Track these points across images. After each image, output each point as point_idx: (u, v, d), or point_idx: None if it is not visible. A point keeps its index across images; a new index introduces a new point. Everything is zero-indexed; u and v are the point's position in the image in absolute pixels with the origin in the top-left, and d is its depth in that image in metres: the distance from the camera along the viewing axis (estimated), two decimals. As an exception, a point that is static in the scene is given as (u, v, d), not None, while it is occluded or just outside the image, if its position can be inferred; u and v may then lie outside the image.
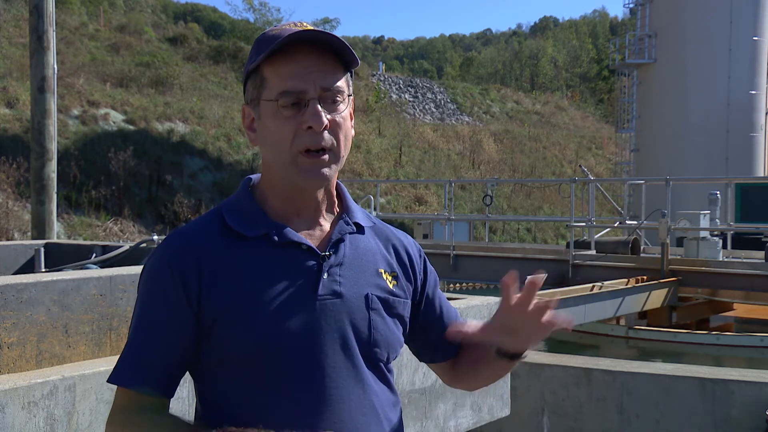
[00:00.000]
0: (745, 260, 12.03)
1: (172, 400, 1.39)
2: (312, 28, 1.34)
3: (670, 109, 24.91)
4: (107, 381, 1.37)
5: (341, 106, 1.36)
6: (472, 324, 1.43)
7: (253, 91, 1.38)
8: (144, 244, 5.87)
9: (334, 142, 1.35)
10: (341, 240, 1.40)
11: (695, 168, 22.85)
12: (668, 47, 25.13)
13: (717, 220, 12.90)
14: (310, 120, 1.32)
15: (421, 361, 1.62)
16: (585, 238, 13.25)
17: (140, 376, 1.33)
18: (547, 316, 1.36)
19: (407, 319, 1.47)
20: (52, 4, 9.13)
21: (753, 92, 24.90)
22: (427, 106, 37.51)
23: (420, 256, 1.53)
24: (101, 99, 23.33)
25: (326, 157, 1.35)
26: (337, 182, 1.46)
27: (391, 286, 1.43)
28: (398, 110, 34.75)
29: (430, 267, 1.56)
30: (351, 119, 1.40)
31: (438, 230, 18.35)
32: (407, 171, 28.35)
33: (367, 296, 1.38)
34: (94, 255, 5.84)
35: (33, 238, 8.96)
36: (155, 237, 6.18)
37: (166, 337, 1.33)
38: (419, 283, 1.51)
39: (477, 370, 1.53)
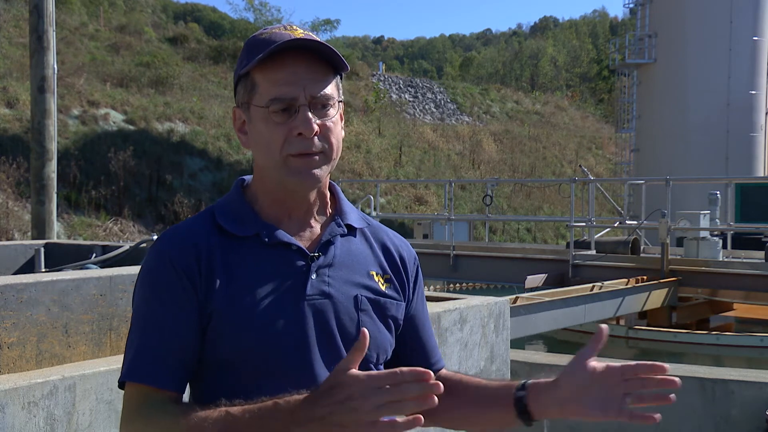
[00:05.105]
0: (745, 260, 12.04)
1: None
2: (302, 32, 1.36)
3: (670, 109, 24.91)
4: (120, 380, 1.34)
5: (331, 111, 1.37)
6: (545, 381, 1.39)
7: (244, 95, 1.39)
8: (144, 244, 5.86)
9: (325, 146, 1.36)
10: (331, 241, 1.41)
11: (695, 168, 22.86)
12: (668, 47, 25.14)
13: (717, 220, 12.91)
14: (300, 126, 1.33)
15: None
16: (585, 238, 13.25)
17: (158, 371, 1.32)
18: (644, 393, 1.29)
19: (401, 321, 1.46)
20: (52, 4, 9.13)
21: (753, 92, 24.90)
22: (427, 106, 37.50)
23: (414, 263, 1.52)
24: (101, 99, 23.32)
25: (317, 157, 1.36)
26: (331, 183, 1.47)
27: (383, 288, 1.43)
28: (398, 110, 34.75)
29: (420, 279, 1.54)
30: (342, 120, 1.41)
31: (438, 230, 18.35)
32: (407, 171, 28.35)
33: (356, 297, 1.39)
34: (94, 255, 5.84)
35: (33, 238, 8.96)
36: (155, 237, 6.16)
37: (178, 332, 1.33)
38: (409, 291, 1.50)
39: (460, 413, 1.47)
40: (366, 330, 1.17)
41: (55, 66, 9.22)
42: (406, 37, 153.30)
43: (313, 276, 1.37)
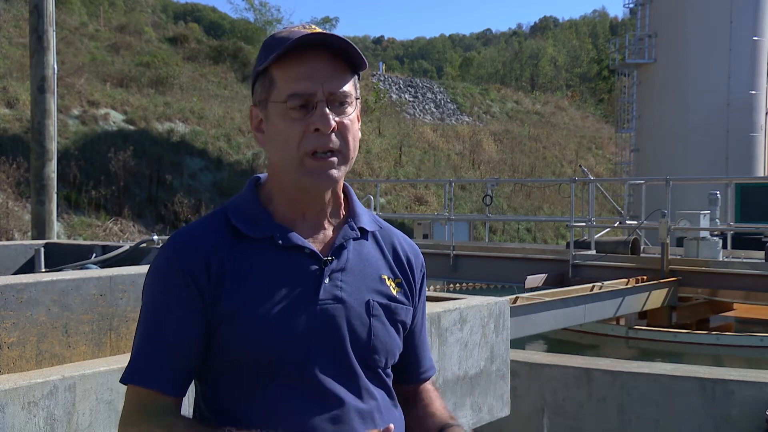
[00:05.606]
0: (745, 260, 12.03)
1: None
2: (320, 31, 1.35)
3: (670, 109, 24.91)
4: (120, 381, 1.35)
5: (349, 109, 1.36)
6: None
7: (262, 92, 1.38)
8: (144, 244, 5.86)
9: (342, 144, 1.35)
10: (344, 245, 1.40)
11: (695, 168, 22.85)
12: (668, 47, 25.13)
13: (717, 220, 12.90)
14: (318, 122, 1.33)
15: None
16: (585, 238, 13.25)
17: (158, 375, 1.32)
18: None
19: (408, 325, 1.47)
20: (52, 4, 9.12)
21: (753, 92, 24.89)
22: (427, 106, 37.50)
23: (421, 270, 1.53)
24: (101, 99, 23.32)
25: (334, 159, 1.35)
26: (344, 184, 1.46)
27: (394, 292, 1.43)
28: (398, 110, 34.75)
29: (425, 286, 1.56)
30: (358, 121, 1.41)
31: (438, 230, 18.35)
32: (407, 171, 28.35)
33: (368, 302, 1.39)
34: (94, 255, 5.83)
35: (33, 238, 8.96)
36: (155, 237, 6.16)
37: (181, 336, 1.33)
38: (416, 297, 1.51)
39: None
40: (392, 427, 1.22)
41: (55, 66, 9.21)
42: (406, 37, 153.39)
43: (326, 280, 1.36)
